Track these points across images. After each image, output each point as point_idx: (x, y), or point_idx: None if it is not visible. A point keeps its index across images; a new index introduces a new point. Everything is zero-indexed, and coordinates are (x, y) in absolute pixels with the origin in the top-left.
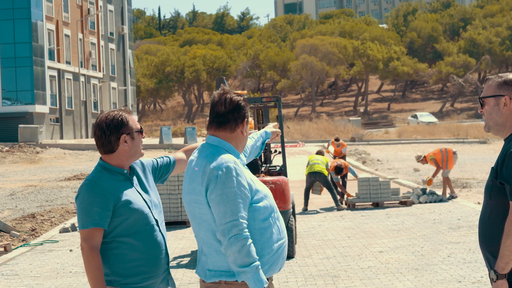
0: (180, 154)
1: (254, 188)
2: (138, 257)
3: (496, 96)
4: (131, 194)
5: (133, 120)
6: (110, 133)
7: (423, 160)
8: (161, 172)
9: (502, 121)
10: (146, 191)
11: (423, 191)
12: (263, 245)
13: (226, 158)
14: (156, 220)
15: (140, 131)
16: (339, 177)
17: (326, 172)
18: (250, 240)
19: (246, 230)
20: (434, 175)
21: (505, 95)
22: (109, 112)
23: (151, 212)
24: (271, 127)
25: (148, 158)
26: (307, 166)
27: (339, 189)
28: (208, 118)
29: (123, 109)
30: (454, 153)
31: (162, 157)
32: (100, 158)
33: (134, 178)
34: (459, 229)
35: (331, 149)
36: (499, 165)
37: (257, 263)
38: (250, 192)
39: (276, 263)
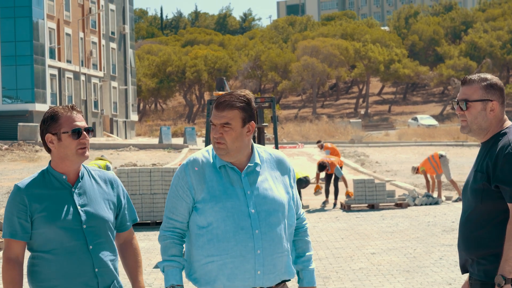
0: (123, 240)
1: (202, 197)
2: (54, 277)
3: (484, 101)
4: (57, 205)
5: (71, 119)
6: (41, 130)
7: (417, 172)
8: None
9: (486, 126)
10: (90, 204)
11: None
12: (194, 251)
13: (192, 156)
14: (86, 238)
15: (73, 133)
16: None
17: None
18: (169, 240)
19: (172, 228)
20: (432, 187)
21: (493, 100)
22: (51, 107)
23: (82, 228)
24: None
25: (125, 190)
26: None
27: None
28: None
29: (65, 106)
30: (441, 156)
31: (126, 215)
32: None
33: (80, 185)
34: (452, 231)
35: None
36: (489, 168)
37: (167, 263)
38: (194, 195)
39: (206, 277)
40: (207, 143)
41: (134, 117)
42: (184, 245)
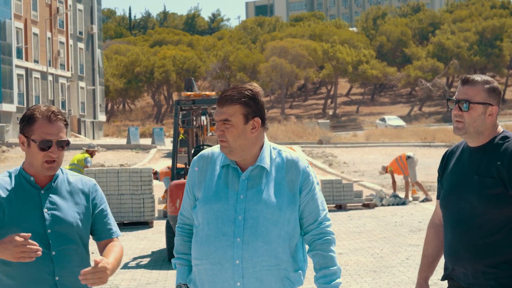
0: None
1: (199, 196)
2: (13, 285)
3: (485, 104)
4: (22, 207)
5: (45, 127)
6: (19, 126)
7: (386, 171)
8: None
9: (482, 130)
10: (58, 208)
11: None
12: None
13: (203, 151)
14: (50, 243)
15: (40, 143)
16: None
17: None
18: (179, 237)
19: (182, 224)
20: (406, 187)
21: (493, 105)
22: (34, 107)
23: (46, 232)
24: None
25: (106, 200)
26: None
27: None
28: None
29: (46, 109)
30: (408, 157)
31: (107, 223)
32: None
33: (51, 188)
34: (419, 231)
35: None
36: (501, 173)
37: (177, 261)
38: (194, 193)
39: (194, 280)
40: (174, 144)
41: (102, 117)
42: None
